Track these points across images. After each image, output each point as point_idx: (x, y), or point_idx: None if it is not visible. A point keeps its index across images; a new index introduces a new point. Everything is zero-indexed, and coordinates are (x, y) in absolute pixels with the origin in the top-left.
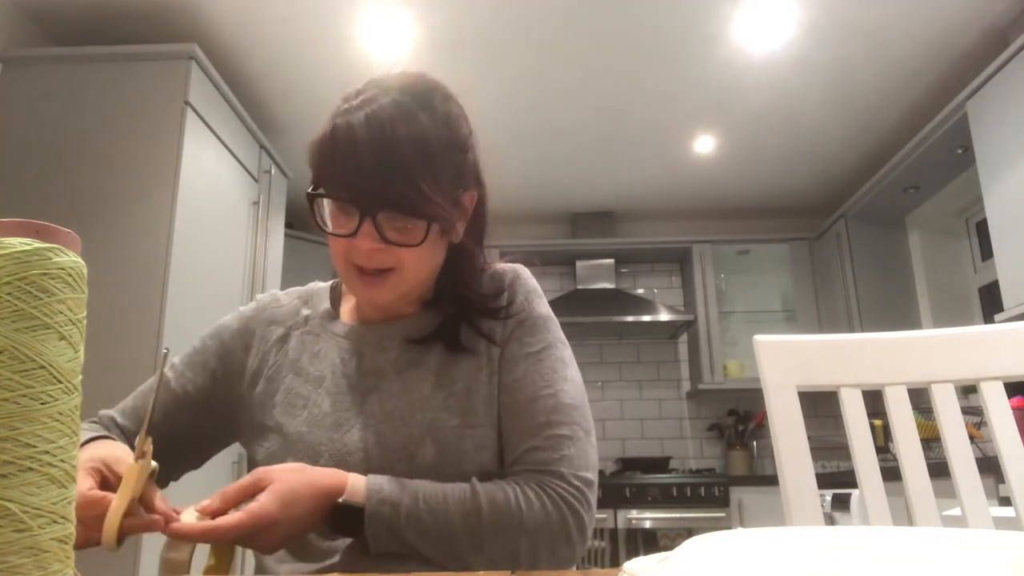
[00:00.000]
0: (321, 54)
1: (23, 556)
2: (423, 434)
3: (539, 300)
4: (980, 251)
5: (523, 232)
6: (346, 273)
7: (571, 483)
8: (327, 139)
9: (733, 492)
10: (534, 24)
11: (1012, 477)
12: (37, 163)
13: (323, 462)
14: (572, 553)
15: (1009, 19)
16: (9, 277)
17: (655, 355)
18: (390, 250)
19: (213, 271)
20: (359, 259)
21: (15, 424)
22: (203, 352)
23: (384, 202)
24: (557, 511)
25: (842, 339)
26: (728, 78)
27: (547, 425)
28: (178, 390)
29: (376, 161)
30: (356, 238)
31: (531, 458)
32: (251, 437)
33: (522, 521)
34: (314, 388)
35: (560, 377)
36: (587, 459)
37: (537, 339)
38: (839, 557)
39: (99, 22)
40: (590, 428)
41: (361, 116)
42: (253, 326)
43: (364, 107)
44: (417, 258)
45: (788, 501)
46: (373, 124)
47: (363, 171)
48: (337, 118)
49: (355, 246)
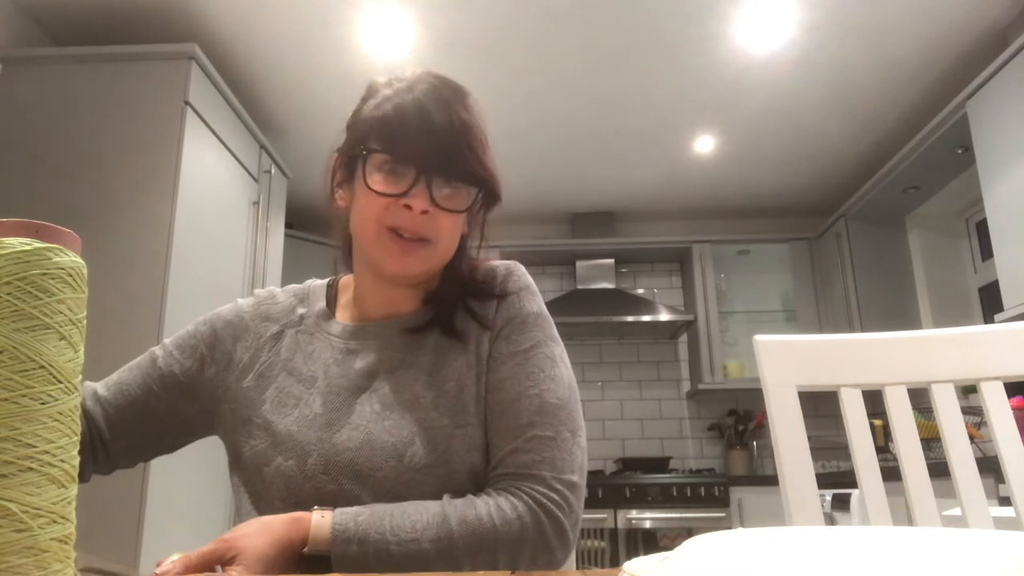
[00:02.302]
0: (321, 54)
1: (23, 556)
2: (413, 434)
3: (531, 297)
4: (980, 251)
5: (523, 232)
6: (378, 240)
7: (551, 487)
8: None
9: (733, 492)
10: (534, 24)
11: (1012, 477)
12: (37, 163)
13: (312, 461)
14: (553, 559)
15: (1009, 19)
16: (9, 277)
17: (655, 355)
18: (434, 218)
19: (213, 271)
20: (404, 220)
21: (15, 424)
22: (195, 336)
23: (444, 162)
24: (533, 519)
25: (842, 339)
26: (728, 78)
27: (529, 426)
28: (163, 368)
29: (442, 123)
30: (408, 197)
31: (512, 460)
32: (235, 431)
33: (496, 537)
34: (306, 388)
35: (547, 376)
36: (571, 461)
37: (525, 337)
38: (839, 557)
39: (99, 22)
40: (576, 428)
41: (422, 88)
42: (247, 320)
43: (419, 84)
44: (453, 231)
45: (788, 501)
46: (437, 96)
47: (429, 131)
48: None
49: (404, 207)
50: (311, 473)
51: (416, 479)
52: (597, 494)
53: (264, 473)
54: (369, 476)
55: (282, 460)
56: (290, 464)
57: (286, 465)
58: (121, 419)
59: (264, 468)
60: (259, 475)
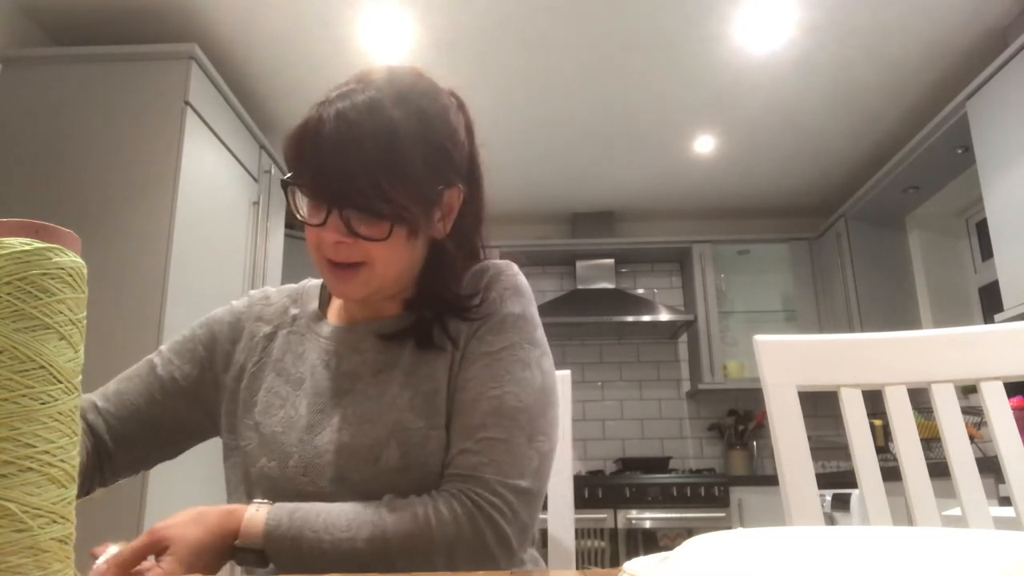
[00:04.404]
0: (321, 54)
1: (23, 556)
2: (388, 436)
3: (515, 298)
4: (980, 251)
5: (523, 232)
6: (319, 265)
7: (494, 491)
8: (298, 131)
9: (733, 492)
10: (534, 24)
11: (1012, 477)
12: (37, 163)
13: (293, 463)
14: (496, 565)
15: (1009, 19)
16: (9, 277)
17: (655, 355)
18: (357, 244)
19: (213, 271)
20: (327, 251)
21: (15, 424)
22: (192, 341)
23: (348, 198)
24: (471, 523)
25: (842, 339)
26: (728, 78)
27: (481, 427)
28: (164, 375)
29: (338, 157)
30: (324, 229)
31: (460, 461)
32: (232, 432)
33: (431, 538)
34: (293, 389)
35: (513, 379)
36: (522, 466)
37: (500, 339)
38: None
39: (99, 22)
40: (536, 433)
41: (332, 111)
42: (243, 321)
43: (338, 102)
44: (386, 253)
45: (788, 501)
46: (341, 120)
47: (325, 167)
48: (312, 110)
49: (323, 237)
50: (292, 475)
51: (393, 480)
52: (597, 494)
53: (251, 473)
54: (347, 478)
55: (266, 461)
56: (273, 465)
57: (269, 466)
58: (124, 430)
59: (251, 468)
60: (247, 475)
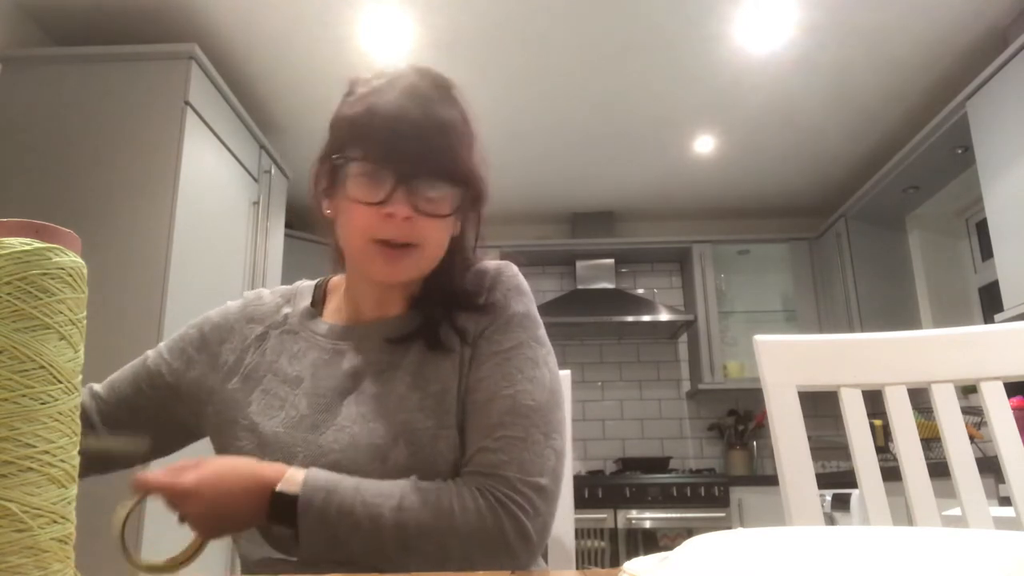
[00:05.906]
0: (321, 54)
1: (23, 556)
2: (397, 436)
3: (518, 297)
4: (980, 251)
5: (523, 232)
6: (365, 249)
7: (516, 488)
8: (363, 106)
9: (733, 492)
10: (534, 24)
11: (1012, 477)
12: (37, 163)
13: (297, 463)
14: (515, 562)
15: (1009, 19)
16: (9, 277)
17: (655, 355)
18: (418, 221)
19: (213, 271)
20: (386, 230)
21: (15, 424)
22: (183, 339)
23: (423, 165)
24: (494, 517)
25: (842, 339)
26: (728, 78)
27: (499, 426)
28: (152, 368)
29: (420, 124)
30: (388, 204)
31: (480, 460)
32: (220, 432)
33: (453, 523)
34: (291, 389)
35: (525, 378)
36: (540, 464)
37: (508, 338)
38: (839, 557)
39: (99, 22)
40: (551, 432)
41: (400, 85)
42: (233, 322)
43: (398, 81)
44: (439, 234)
45: (788, 501)
46: (415, 93)
47: (405, 134)
48: (364, 88)
49: (385, 214)
50: None
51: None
52: (597, 494)
53: None
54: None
55: (269, 461)
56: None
57: None
58: (111, 413)
59: None
60: None
